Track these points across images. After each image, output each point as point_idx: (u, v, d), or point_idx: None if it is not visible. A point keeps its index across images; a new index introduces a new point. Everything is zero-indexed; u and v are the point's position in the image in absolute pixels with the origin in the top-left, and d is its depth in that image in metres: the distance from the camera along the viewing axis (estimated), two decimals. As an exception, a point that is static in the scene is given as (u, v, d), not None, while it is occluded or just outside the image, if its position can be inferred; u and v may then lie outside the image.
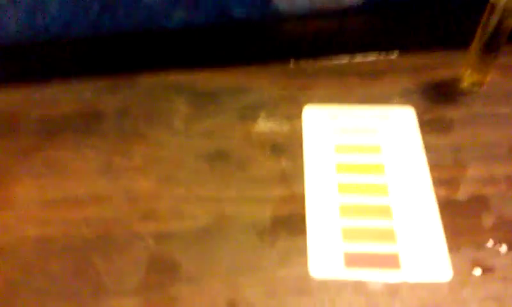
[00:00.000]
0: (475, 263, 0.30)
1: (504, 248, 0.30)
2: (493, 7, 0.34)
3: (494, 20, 0.35)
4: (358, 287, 0.29)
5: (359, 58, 0.41)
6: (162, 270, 0.30)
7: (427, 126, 0.37)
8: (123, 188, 0.34)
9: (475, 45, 0.37)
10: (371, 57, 0.42)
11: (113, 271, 0.30)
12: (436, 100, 0.38)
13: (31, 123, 0.37)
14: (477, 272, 0.30)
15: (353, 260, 0.30)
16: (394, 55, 0.41)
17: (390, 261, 0.30)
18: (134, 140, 0.36)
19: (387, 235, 0.31)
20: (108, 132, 0.37)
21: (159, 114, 0.38)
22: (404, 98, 0.39)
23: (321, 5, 0.41)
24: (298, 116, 0.38)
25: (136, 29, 0.41)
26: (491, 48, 0.37)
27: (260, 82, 0.40)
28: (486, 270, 0.30)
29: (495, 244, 0.31)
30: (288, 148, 0.36)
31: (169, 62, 0.41)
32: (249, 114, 0.38)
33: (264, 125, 0.37)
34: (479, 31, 0.36)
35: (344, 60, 0.41)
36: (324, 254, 0.30)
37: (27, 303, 0.29)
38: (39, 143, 0.36)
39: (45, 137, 0.36)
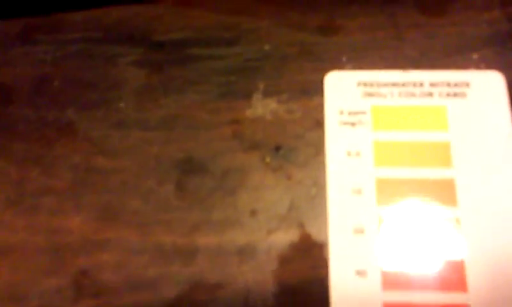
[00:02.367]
0: None
1: None
2: None
3: None
4: None
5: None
6: None
7: (527, 104, 0.23)
8: (43, 229, 0.21)
9: None
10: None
11: None
12: (543, 55, 0.24)
13: None
14: None
15: None
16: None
17: None
18: (59, 138, 0.23)
19: (457, 285, 0.19)
20: (19, 121, 0.24)
21: (93, 86, 0.24)
22: (487, 50, 0.24)
23: None
24: (316, 87, 0.23)
25: None
26: None
27: (254, 23, 0.25)
28: None
29: None
30: (298, 151, 0.22)
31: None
32: (238, 85, 0.24)
33: (261, 108, 0.23)
34: None
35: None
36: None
37: None
38: None
39: None
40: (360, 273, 0.20)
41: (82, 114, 0.23)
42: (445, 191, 0.21)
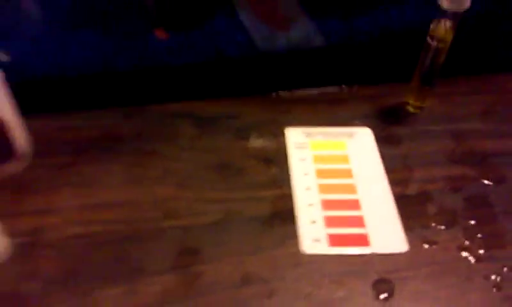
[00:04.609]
0: (424, 240, 0.40)
1: (443, 228, 0.40)
2: (428, 47, 0.46)
3: (428, 59, 0.46)
4: (339, 259, 0.38)
5: (326, 89, 0.52)
6: (187, 254, 0.37)
7: (382, 141, 0.47)
8: (147, 194, 0.41)
9: (416, 78, 0.49)
10: (335, 89, 0.52)
11: (147, 257, 0.37)
12: (388, 121, 0.49)
13: (64, 145, 0.44)
14: (426, 245, 0.39)
15: (334, 240, 0.39)
16: (354, 87, 0.52)
17: (362, 240, 0.39)
18: (150, 156, 0.44)
19: (358, 222, 0.40)
20: (127, 150, 0.45)
21: (168, 135, 0.46)
22: (363, 120, 0.49)
23: (295, 45, 0.51)
24: (282, 134, 0.47)
25: (146, 66, 0.49)
26: (427, 81, 0.48)
27: (250, 109, 0.49)
28: (432, 243, 0.39)
29: (436, 225, 0.41)
30: (276, 159, 0.45)
31: (174, 94, 0.49)
32: (243, 133, 0.47)
33: (255, 142, 0.46)
34: (418, 67, 0.48)
35: (314, 91, 0.52)
36: (312, 237, 0.39)
37: (80, 286, 0.35)
38: (71, 160, 0.43)
39: (76, 156, 0.44)
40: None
41: (162, 145, 0.45)
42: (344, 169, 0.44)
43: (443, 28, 0.44)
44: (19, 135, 0.42)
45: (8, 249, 0.37)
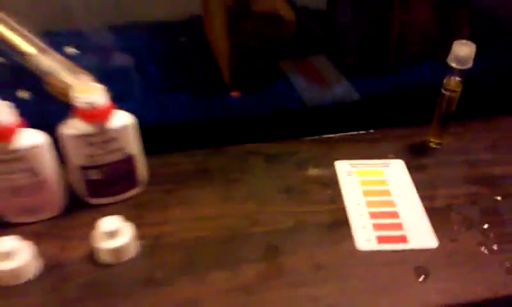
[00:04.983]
0: (449, 238, 0.52)
1: (464, 230, 0.53)
2: (443, 97, 0.60)
3: (443, 105, 0.60)
4: (385, 253, 0.50)
5: (364, 132, 0.66)
6: (272, 250, 0.50)
7: (412, 169, 0.60)
8: (236, 209, 0.55)
9: (435, 121, 0.62)
10: (371, 131, 0.66)
11: (243, 252, 0.50)
12: (415, 154, 0.62)
13: (168, 176, 0.59)
14: (451, 242, 0.51)
15: (381, 240, 0.51)
16: (386, 129, 0.66)
17: (402, 239, 0.52)
18: (235, 183, 0.58)
19: (398, 227, 0.53)
20: (216, 179, 0.59)
21: (246, 167, 0.60)
22: (395, 154, 0.63)
23: (339, 100, 0.66)
24: (332, 165, 0.61)
25: (225, 117, 0.64)
26: (443, 122, 0.62)
27: (306, 147, 0.63)
28: (455, 241, 0.52)
29: (458, 228, 0.53)
30: (330, 184, 0.58)
31: (247, 138, 0.63)
32: (303, 165, 0.61)
33: (312, 171, 0.60)
34: (436, 112, 0.62)
35: (354, 133, 0.66)
36: (364, 238, 0.52)
37: (196, 272, 0.48)
38: (176, 187, 0.57)
39: (178, 183, 0.58)
40: (360, 214, 0.54)
41: (241, 174, 0.59)
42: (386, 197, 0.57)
43: (453, 82, 0.59)
44: (142, 167, 0.56)
45: (138, 248, 0.50)
